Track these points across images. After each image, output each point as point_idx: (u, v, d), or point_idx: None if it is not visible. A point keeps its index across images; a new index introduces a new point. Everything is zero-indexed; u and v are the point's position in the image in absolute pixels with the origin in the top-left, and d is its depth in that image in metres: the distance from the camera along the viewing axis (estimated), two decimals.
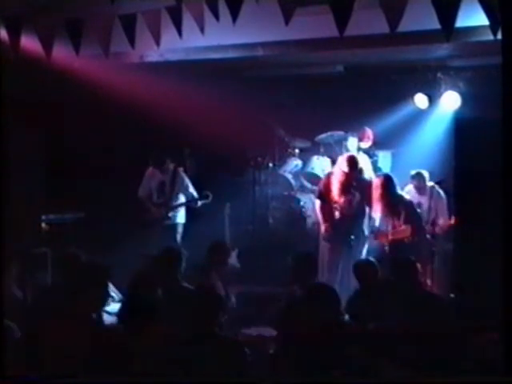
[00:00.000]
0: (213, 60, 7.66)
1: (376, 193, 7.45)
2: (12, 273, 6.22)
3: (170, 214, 8.44)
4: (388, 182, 7.46)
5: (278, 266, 7.22)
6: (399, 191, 7.63)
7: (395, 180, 7.56)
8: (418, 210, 7.72)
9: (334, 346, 4.36)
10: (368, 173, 8.78)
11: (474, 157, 7.37)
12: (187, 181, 8.59)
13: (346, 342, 4.36)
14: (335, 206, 7.68)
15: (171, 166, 8.57)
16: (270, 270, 7.30)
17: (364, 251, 7.59)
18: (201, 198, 8.44)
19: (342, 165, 7.73)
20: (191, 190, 8.55)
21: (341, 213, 7.66)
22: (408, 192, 7.98)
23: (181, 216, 8.59)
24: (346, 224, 7.60)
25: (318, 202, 7.94)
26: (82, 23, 5.14)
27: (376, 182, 7.58)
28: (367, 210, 7.66)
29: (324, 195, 7.82)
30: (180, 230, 8.54)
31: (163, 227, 8.39)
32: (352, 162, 7.67)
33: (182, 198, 8.53)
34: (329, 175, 7.97)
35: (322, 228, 7.80)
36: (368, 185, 7.66)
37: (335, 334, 4.51)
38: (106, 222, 8.54)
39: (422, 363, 4.29)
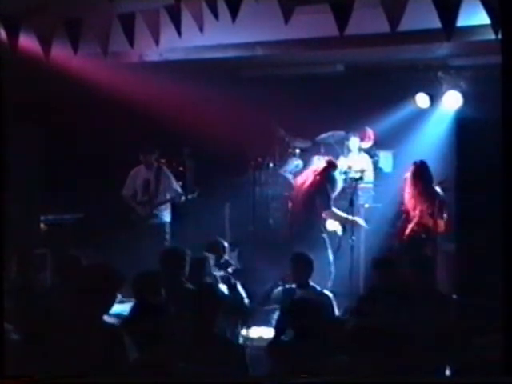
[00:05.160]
0: (212, 59, 7.63)
1: (408, 183, 7.33)
2: (12, 274, 6.21)
3: (156, 212, 8.42)
4: (420, 171, 7.29)
5: (279, 267, 7.19)
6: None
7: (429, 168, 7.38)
8: None
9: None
10: (369, 173, 8.80)
11: (476, 156, 7.35)
12: (171, 177, 8.60)
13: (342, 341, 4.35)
14: None
15: (155, 164, 8.56)
16: (270, 270, 7.26)
17: (329, 253, 7.52)
18: (186, 193, 8.43)
19: None
20: (175, 186, 8.57)
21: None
22: None
23: (167, 215, 8.58)
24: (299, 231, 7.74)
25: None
26: (81, 22, 5.13)
27: (409, 170, 7.44)
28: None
29: None
30: (167, 229, 8.53)
31: (149, 226, 8.39)
32: None
33: (167, 195, 8.53)
34: None
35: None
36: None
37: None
38: (104, 223, 8.52)
39: (421, 363, 4.28)
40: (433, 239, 7.14)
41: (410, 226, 7.27)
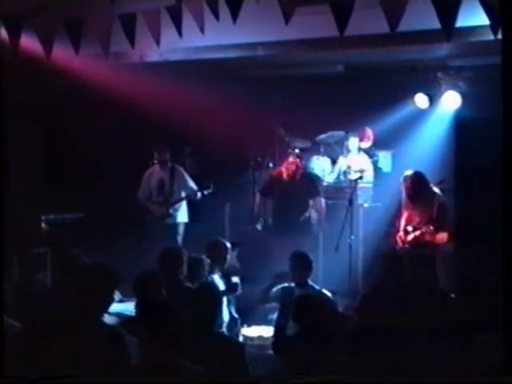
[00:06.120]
0: (213, 60, 7.64)
1: (406, 191, 7.36)
2: (12, 273, 6.21)
3: (171, 211, 8.41)
4: (417, 180, 7.32)
5: (278, 266, 7.20)
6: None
7: (426, 177, 7.41)
8: None
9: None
10: (368, 173, 8.81)
11: (475, 156, 7.37)
12: (186, 176, 8.58)
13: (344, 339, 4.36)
14: None
15: (169, 163, 8.56)
16: (270, 270, 7.27)
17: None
18: (202, 188, 8.42)
19: None
20: (191, 183, 8.55)
21: None
22: None
23: (182, 215, 8.56)
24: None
25: None
26: (82, 23, 5.11)
27: (407, 180, 7.46)
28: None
29: None
30: (181, 229, 8.52)
31: (164, 226, 8.37)
32: None
33: (182, 194, 8.51)
34: None
35: None
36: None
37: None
38: (106, 222, 8.51)
39: (421, 363, 4.28)
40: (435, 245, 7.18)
41: (411, 235, 7.27)
